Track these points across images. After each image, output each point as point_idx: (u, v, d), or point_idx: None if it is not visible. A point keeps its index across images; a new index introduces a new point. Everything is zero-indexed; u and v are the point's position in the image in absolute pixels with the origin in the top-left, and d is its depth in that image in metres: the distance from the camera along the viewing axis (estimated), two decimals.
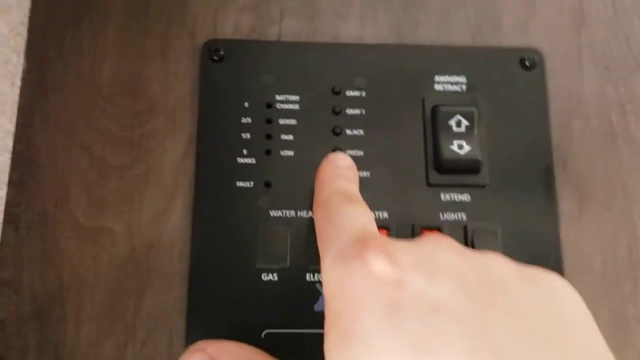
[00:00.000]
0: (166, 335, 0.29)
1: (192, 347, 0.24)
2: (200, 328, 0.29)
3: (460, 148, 0.30)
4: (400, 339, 0.16)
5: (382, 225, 0.29)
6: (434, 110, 0.30)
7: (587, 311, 0.19)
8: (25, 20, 0.32)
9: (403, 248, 0.19)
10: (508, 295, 0.18)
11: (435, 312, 0.17)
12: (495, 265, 0.19)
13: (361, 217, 0.22)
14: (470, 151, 0.30)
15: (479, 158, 0.30)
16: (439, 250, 0.19)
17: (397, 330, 0.17)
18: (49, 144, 0.31)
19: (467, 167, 0.30)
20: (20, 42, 0.31)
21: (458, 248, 0.20)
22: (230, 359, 0.24)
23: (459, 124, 0.30)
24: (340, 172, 0.26)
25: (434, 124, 0.30)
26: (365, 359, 0.17)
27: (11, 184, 0.30)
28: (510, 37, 0.33)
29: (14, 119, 0.31)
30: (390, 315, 0.17)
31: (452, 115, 0.30)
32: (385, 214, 0.30)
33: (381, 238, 0.20)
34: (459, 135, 0.30)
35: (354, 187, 0.26)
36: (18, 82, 0.31)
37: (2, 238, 0.30)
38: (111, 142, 0.30)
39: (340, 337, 0.18)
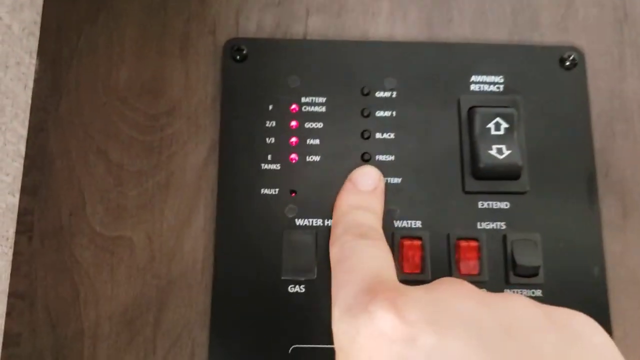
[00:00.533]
0: (188, 349, 0.27)
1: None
2: (223, 342, 0.27)
3: (500, 153, 0.28)
4: None
5: (415, 236, 0.28)
6: (471, 111, 0.29)
7: (618, 354, 0.18)
8: (38, 19, 0.30)
9: (414, 298, 0.18)
10: (531, 346, 0.17)
11: None
12: (518, 311, 0.18)
13: (374, 259, 0.21)
14: (510, 156, 0.28)
15: (520, 163, 0.28)
16: (455, 298, 0.18)
17: None
18: (64, 149, 0.29)
19: (506, 173, 0.28)
20: (33, 42, 0.30)
21: (477, 294, 0.18)
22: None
23: (497, 126, 0.28)
24: (360, 202, 0.25)
25: (471, 127, 0.29)
26: None
27: (24, 191, 0.29)
28: (549, 34, 0.31)
29: (27, 123, 0.29)
30: None
31: (491, 118, 0.28)
32: (419, 223, 0.28)
33: (391, 288, 0.19)
34: (498, 139, 0.28)
35: (373, 218, 0.25)
36: (31, 84, 0.29)
37: (15, 248, 0.28)
38: (129, 147, 0.29)
39: None
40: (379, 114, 0.29)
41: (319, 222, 0.28)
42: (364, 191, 0.26)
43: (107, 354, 0.27)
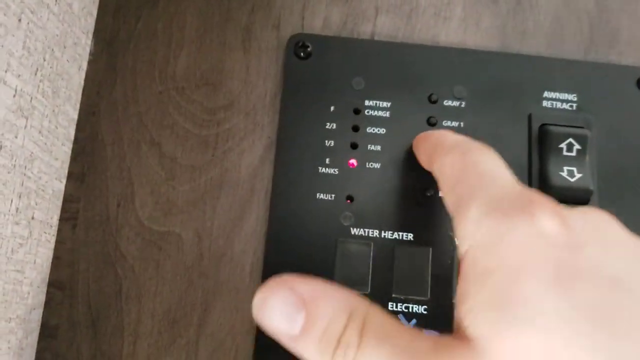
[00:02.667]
0: (231, 355, 0.26)
1: (276, 282, 0.18)
2: (268, 351, 0.26)
3: (571, 175, 0.27)
4: (575, 309, 0.14)
5: None
6: (543, 129, 0.27)
7: None
8: None
9: (575, 212, 0.17)
10: None
11: (616, 286, 0.15)
12: None
13: (510, 174, 0.19)
14: (581, 179, 0.26)
15: (591, 187, 0.26)
16: (607, 223, 0.17)
17: (571, 299, 0.15)
18: (115, 137, 0.28)
19: (576, 197, 0.27)
20: (91, 22, 0.28)
21: (622, 226, 0.17)
22: (333, 307, 0.17)
23: (570, 147, 0.27)
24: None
25: (542, 145, 0.27)
26: (528, 325, 0.14)
27: (71, 176, 0.28)
28: (627, 54, 0.29)
29: (79, 106, 0.28)
30: (563, 281, 0.15)
31: (563, 138, 0.27)
32: None
33: (547, 197, 0.17)
34: (570, 161, 0.27)
35: None
36: (85, 66, 0.28)
37: (58, 235, 0.27)
38: (184, 140, 0.28)
39: (494, 297, 0.15)
40: (446, 123, 0.28)
41: (376, 233, 0.27)
42: None
43: (147, 353, 0.26)
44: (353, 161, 0.28)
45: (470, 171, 0.19)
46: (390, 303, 0.26)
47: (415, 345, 0.16)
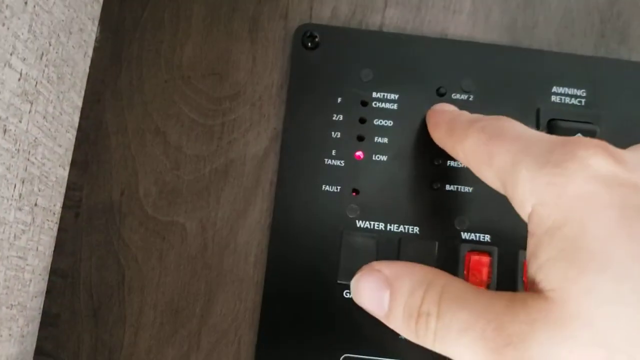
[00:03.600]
0: (233, 347, 0.26)
1: (365, 268, 0.20)
2: (271, 343, 0.26)
3: None
4: None
5: (484, 250, 0.26)
6: (552, 124, 0.27)
7: None
8: None
9: (622, 150, 0.17)
10: None
11: None
12: None
13: (536, 130, 0.19)
14: None
15: None
16: None
17: (637, 239, 0.14)
18: (120, 125, 0.28)
19: None
20: (97, 9, 0.28)
21: None
22: (411, 283, 0.19)
23: None
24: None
25: None
26: (597, 271, 0.14)
27: (74, 164, 0.27)
28: (638, 49, 0.29)
29: (83, 93, 0.28)
30: (628, 221, 0.15)
31: (572, 133, 0.27)
32: (488, 238, 0.26)
33: (587, 138, 0.17)
34: None
35: None
36: (91, 53, 0.28)
37: (60, 223, 0.27)
38: (189, 130, 0.27)
39: (565, 249, 0.15)
40: None
41: (381, 226, 0.27)
42: None
43: (149, 344, 0.26)
44: (359, 153, 0.27)
45: (499, 141, 0.19)
46: None
47: (492, 307, 0.16)
